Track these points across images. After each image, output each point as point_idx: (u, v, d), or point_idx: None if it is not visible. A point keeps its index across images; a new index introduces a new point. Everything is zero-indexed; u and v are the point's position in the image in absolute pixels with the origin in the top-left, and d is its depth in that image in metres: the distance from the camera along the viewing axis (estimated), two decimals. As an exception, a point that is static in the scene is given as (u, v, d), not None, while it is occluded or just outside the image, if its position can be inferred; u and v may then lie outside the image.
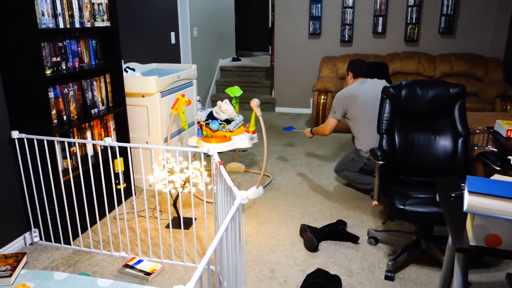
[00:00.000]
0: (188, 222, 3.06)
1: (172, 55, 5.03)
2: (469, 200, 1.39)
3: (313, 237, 2.71)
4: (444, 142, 2.67)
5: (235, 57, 8.01)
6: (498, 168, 2.27)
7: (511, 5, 5.38)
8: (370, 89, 3.32)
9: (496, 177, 1.79)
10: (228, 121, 3.49)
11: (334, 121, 3.44)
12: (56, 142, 2.62)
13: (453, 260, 1.86)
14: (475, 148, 2.90)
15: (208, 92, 6.78)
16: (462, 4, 5.53)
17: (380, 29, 5.80)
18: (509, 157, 2.22)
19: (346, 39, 5.94)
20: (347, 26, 5.89)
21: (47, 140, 2.58)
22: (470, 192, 1.39)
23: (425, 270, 2.51)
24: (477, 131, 3.01)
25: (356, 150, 3.47)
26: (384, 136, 2.70)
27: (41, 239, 2.82)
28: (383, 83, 3.38)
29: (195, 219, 3.14)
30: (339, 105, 3.39)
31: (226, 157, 4.48)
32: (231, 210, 1.62)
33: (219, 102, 3.54)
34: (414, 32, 5.73)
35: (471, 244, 1.45)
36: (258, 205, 3.38)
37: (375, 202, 2.61)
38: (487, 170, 2.40)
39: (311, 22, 6.00)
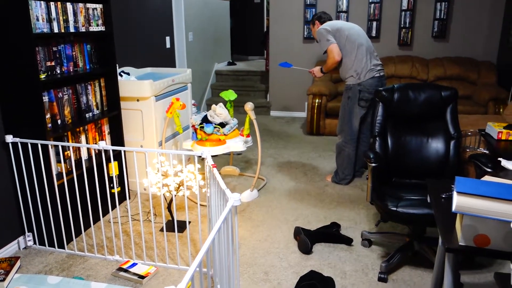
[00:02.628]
0: (182, 226, 3.06)
1: (167, 59, 5.05)
2: (457, 201, 1.41)
3: (307, 240, 2.72)
4: (436, 145, 2.70)
5: (231, 61, 8.04)
6: (489, 170, 2.29)
7: (502, 9, 5.45)
8: (352, 27, 3.53)
9: (487, 178, 1.81)
10: (222, 125, 3.51)
11: (335, 45, 3.48)
12: (50, 146, 2.63)
13: (444, 261, 1.88)
14: (467, 150, 2.92)
15: (203, 96, 6.80)
16: (455, 9, 5.58)
17: (374, 33, 5.85)
18: (499, 158, 2.25)
19: (340, 43, 5.97)
20: (341, 30, 5.92)
21: (41, 144, 2.59)
22: (458, 192, 1.41)
23: (418, 271, 2.53)
24: (469, 134, 3.04)
25: (346, 88, 3.60)
26: (377, 138, 2.73)
27: (35, 243, 2.82)
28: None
29: (189, 222, 3.14)
30: (328, 33, 3.50)
31: (221, 160, 4.50)
32: (224, 212, 1.63)
33: (213, 105, 3.56)
34: (408, 36, 5.78)
35: (460, 244, 1.47)
36: (252, 208, 3.39)
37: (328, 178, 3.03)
38: (478, 172, 2.43)
39: (305, 26, 6.04)
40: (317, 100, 5.27)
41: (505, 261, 2.62)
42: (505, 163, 2.18)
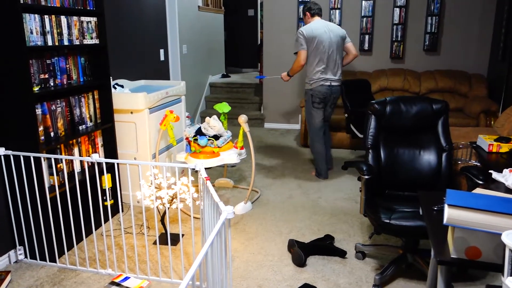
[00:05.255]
0: (175, 238, 3.04)
1: (161, 72, 5.07)
2: (448, 213, 1.42)
3: (300, 252, 2.72)
4: (428, 157, 2.72)
5: (225, 73, 8.08)
6: (480, 182, 2.31)
7: (492, 23, 5.54)
8: (326, 31, 4.01)
9: (478, 191, 1.83)
10: (216, 137, 3.51)
11: (304, 52, 4.02)
12: (42, 159, 2.62)
13: (437, 273, 1.88)
14: (459, 162, 2.95)
15: (197, 108, 6.82)
16: (446, 23, 5.67)
17: (366, 46, 5.92)
18: (490, 171, 2.27)
19: (333, 56, 6.03)
20: (334, 44, 5.99)
21: (33, 157, 2.58)
22: (449, 205, 1.42)
23: (412, 284, 2.53)
24: (461, 146, 3.07)
25: (305, 93, 4.20)
26: (370, 151, 2.75)
27: (26, 257, 2.79)
28: (337, 27, 4.10)
29: (183, 235, 3.13)
30: (303, 39, 4.00)
31: (215, 172, 4.49)
32: (217, 225, 1.63)
33: (207, 118, 3.57)
34: (400, 50, 5.85)
35: (452, 256, 1.48)
36: (246, 220, 3.38)
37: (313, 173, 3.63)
38: (470, 184, 2.45)
39: (299, 39, 6.10)
40: (310, 113, 5.29)
41: (498, 273, 2.62)
42: (496, 175, 2.20)
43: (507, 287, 1.15)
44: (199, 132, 3.53)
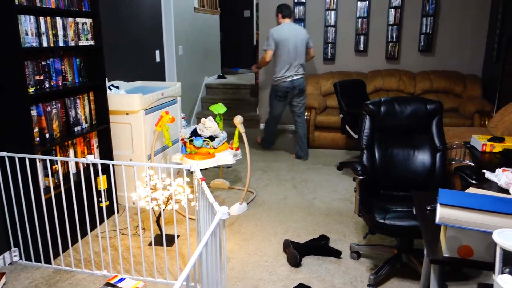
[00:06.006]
0: (171, 239, 3.05)
1: (157, 73, 5.07)
2: (440, 212, 1.43)
3: (296, 253, 2.73)
4: (422, 157, 2.73)
5: (221, 74, 8.08)
6: (474, 182, 2.33)
7: (487, 23, 5.58)
8: (293, 35, 4.60)
9: (471, 190, 1.85)
10: (212, 138, 3.52)
11: (271, 52, 4.65)
12: (38, 160, 2.61)
13: (430, 272, 1.89)
14: (453, 162, 2.97)
15: (193, 109, 6.82)
16: (441, 23, 5.71)
17: (361, 47, 5.94)
18: (483, 170, 2.29)
19: (328, 57, 6.06)
20: (329, 45, 6.01)
21: (28, 158, 2.57)
22: (441, 204, 1.44)
23: (406, 283, 2.54)
24: (454, 146, 3.09)
25: (271, 85, 4.83)
26: (365, 151, 2.76)
27: (21, 258, 2.79)
28: (304, 31, 4.68)
29: (178, 236, 3.13)
30: (272, 40, 4.61)
31: (211, 173, 4.50)
32: (211, 226, 1.64)
33: (203, 119, 3.57)
34: (395, 50, 5.88)
35: (444, 255, 1.49)
36: (241, 221, 3.39)
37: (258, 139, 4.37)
38: (464, 183, 2.46)
39: (294, 40, 6.11)
40: (306, 113, 5.31)
41: (491, 272, 2.64)
42: (488, 175, 2.22)
43: (497, 285, 1.16)
44: (194, 133, 3.53)
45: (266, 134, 5.14)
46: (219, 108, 3.68)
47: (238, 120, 3.53)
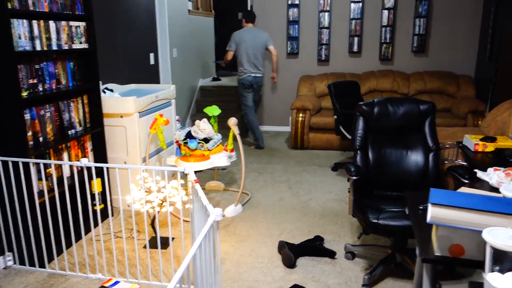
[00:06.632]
0: (165, 242, 3.05)
1: (151, 75, 5.07)
2: (431, 212, 1.45)
3: (290, 254, 2.74)
4: (415, 157, 2.75)
5: (215, 76, 8.08)
6: (466, 181, 2.35)
7: (479, 24, 5.62)
8: (252, 37, 5.30)
9: (463, 189, 1.86)
10: (206, 140, 3.52)
11: (231, 52, 5.38)
12: (31, 164, 2.61)
13: (422, 271, 1.91)
14: (445, 162, 2.99)
15: (188, 111, 6.82)
16: (433, 25, 5.75)
17: (355, 48, 5.97)
18: (475, 170, 2.31)
19: (323, 59, 6.08)
20: (323, 46, 6.04)
21: (22, 162, 2.57)
22: (432, 204, 1.45)
23: (400, 283, 2.55)
24: (447, 146, 3.11)
25: (238, 81, 5.46)
26: (358, 152, 2.77)
27: (15, 263, 2.78)
28: (264, 34, 5.38)
29: (173, 238, 3.13)
30: (233, 42, 5.35)
31: (206, 175, 4.50)
32: (205, 227, 1.64)
33: (197, 121, 3.58)
34: (389, 51, 5.91)
35: (436, 254, 1.50)
36: (236, 223, 3.39)
37: (252, 146, 4.97)
38: (456, 183, 2.48)
39: (288, 42, 6.14)
40: (301, 115, 5.33)
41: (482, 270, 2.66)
42: (480, 174, 2.24)
43: (487, 283, 1.18)
44: (189, 136, 3.54)
45: (252, 128, 5.51)
46: (214, 110, 3.69)
47: (232, 122, 3.54)
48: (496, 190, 2.05)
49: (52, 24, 2.81)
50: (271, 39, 5.45)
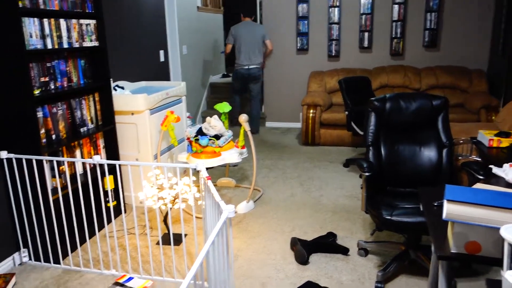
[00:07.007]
0: (178, 238, 3.06)
1: (161, 73, 5.09)
2: (447, 208, 1.43)
3: (303, 250, 2.73)
4: (429, 153, 2.72)
5: (225, 73, 8.08)
6: (481, 177, 2.32)
7: (491, 18, 5.53)
8: (248, 31, 5.60)
9: (478, 185, 1.84)
10: (217, 137, 3.53)
11: (230, 45, 5.75)
12: (45, 161, 2.63)
13: (438, 268, 1.89)
14: (459, 158, 2.95)
15: (198, 108, 6.83)
16: (445, 19, 5.67)
17: (366, 43, 5.92)
18: (490, 166, 2.27)
19: (333, 54, 6.04)
20: (333, 42, 6.00)
21: (35, 160, 2.59)
22: (448, 200, 1.43)
23: (414, 280, 2.53)
24: (461, 141, 3.07)
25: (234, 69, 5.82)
26: (371, 148, 2.75)
27: (30, 259, 2.81)
28: (260, 28, 5.70)
29: (186, 235, 3.14)
30: (231, 36, 5.69)
31: (217, 172, 4.51)
32: (218, 224, 1.64)
33: (208, 118, 3.58)
34: (399, 46, 5.85)
35: (452, 251, 1.48)
36: (248, 219, 3.39)
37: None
38: (471, 179, 2.45)
39: (298, 38, 6.11)
40: (311, 111, 5.31)
41: (500, 267, 2.63)
42: (496, 170, 2.20)
43: (506, 281, 1.16)
44: (200, 132, 3.54)
45: (235, 107, 6.01)
46: (224, 107, 3.68)
47: (243, 118, 3.53)
48: (512, 186, 2.02)
49: (62, 22, 2.83)
50: (267, 33, 5.72)
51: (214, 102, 7.03)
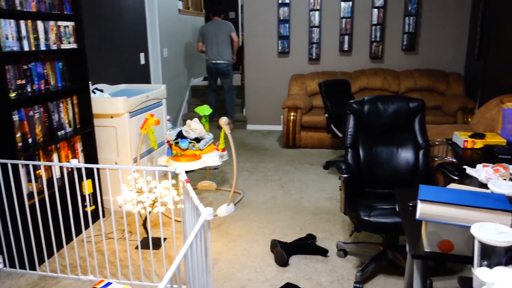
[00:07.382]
0: (157, 242, 3.04)
1: (141, 75, 5.05)
2: (421, 208, 1.46)
3: (283, 252, 2.74)
4: (406, 155, 2.77)
5: (206, 76, 8.06)
6: (456, 178, 2.37)
7: (468, 22, 5.67)
8: (215, 29, 6.03)
9: (452, 186, 1.88)
10: (198, 140, 3.52)
11: (200, 43, 6.16)
12: (20, 165, 2.58)
13: (413, 267, 1.92)
14: (435, 159, 3.01)
15: (179, 111, 6.80)
16: (423, 23, 5.78)
17: (346, 47, 5.99)
18: (464, 166, 2.33)
19: (314, 57, 6.09)
20: (314, 45, 6.05)
21: (11, 164, 2.54)
22: (421, 200, 1.46)
23: (392, 279, 2.57)
24: (437, 143, 3.13)
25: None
26: (349, 150, 2.78)
27: (5, 265, 2.75)
28: (227, 25, 6.10)
29: (165, 239, 3.12)
30: (200, 34, 6.13)
31: (198, 175, 4.49)
32: (196, 227, 1.64)
33: (188, 121, 3.57)
34: (379, 50, 5.94)
35: (425, 250, 1.51)
36: (229, 222, 3.39)
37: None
38: (446, 180, 2.50)
39: (279, 41, 6.14)
40: (292, 114, 5.34)
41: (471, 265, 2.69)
42: (469, 170, 2.26)
43: (476, 278, 1.19)
44: (180, 135, 3.53)
45: (209, 102, 6.45)
46: (205, 110, 3.68)
47: (223, 121, 3.53)
48: (484, 186, 2.08)
49: (40, 24, 2.79)
50: (233, 28, 6.13)
51: (195, 105, 7.01)
